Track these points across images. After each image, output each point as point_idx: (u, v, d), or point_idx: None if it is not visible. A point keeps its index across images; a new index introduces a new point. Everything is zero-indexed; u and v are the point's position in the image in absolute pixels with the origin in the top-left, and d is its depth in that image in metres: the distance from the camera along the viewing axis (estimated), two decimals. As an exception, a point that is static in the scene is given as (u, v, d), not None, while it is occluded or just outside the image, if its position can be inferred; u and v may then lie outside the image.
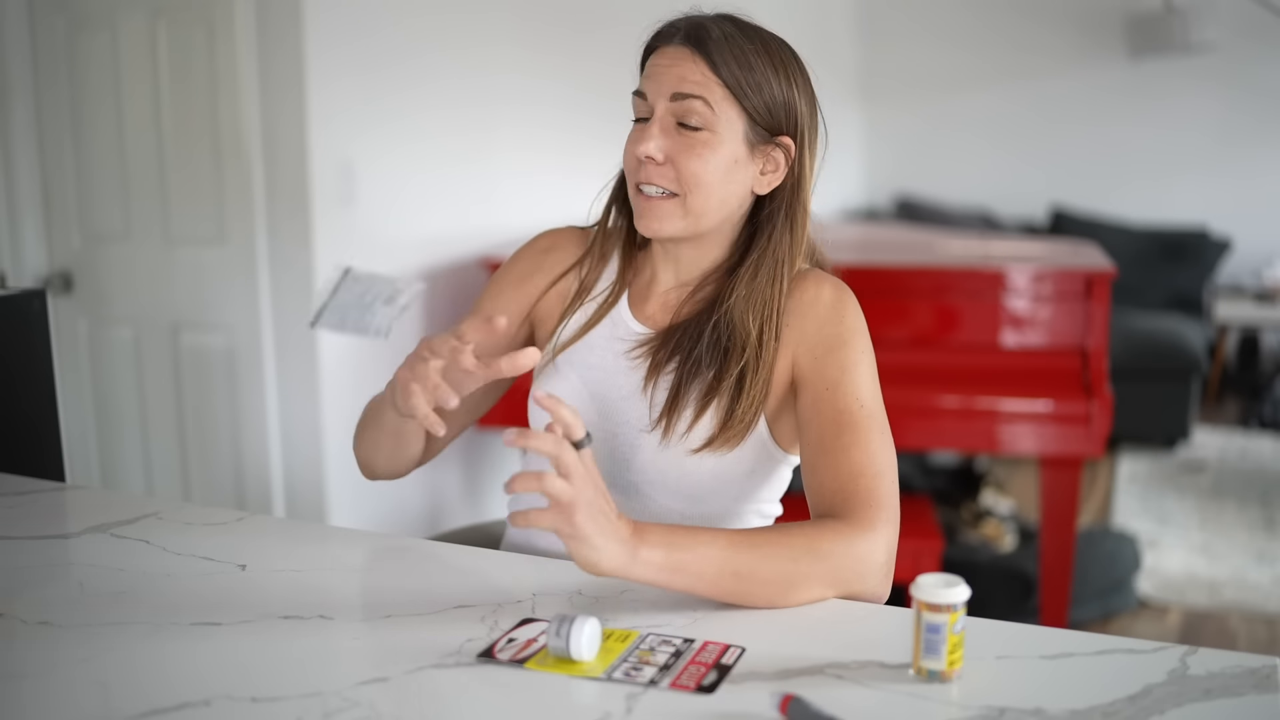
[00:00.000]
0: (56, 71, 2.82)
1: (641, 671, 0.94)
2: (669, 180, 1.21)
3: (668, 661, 0.96)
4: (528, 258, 1.39)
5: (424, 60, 2.89)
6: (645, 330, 1.31)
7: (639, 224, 1.25)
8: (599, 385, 1.30)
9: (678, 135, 1.21)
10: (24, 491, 1.48)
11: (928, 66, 6.56)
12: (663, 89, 1.21)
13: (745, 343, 1.23)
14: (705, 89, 1.20)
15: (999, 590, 3.15)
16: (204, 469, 2.80)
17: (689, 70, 1.20)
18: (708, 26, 1.22)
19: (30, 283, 2.86)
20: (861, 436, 1.17)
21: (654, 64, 1.23)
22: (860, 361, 1.22)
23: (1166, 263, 5.66)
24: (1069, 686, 0.91)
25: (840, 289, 1.27)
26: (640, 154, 1.21)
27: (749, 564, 1.04)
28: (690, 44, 1.21)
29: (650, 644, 0.99)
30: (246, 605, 1.08)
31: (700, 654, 0.97)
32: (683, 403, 1.24)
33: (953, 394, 2.71)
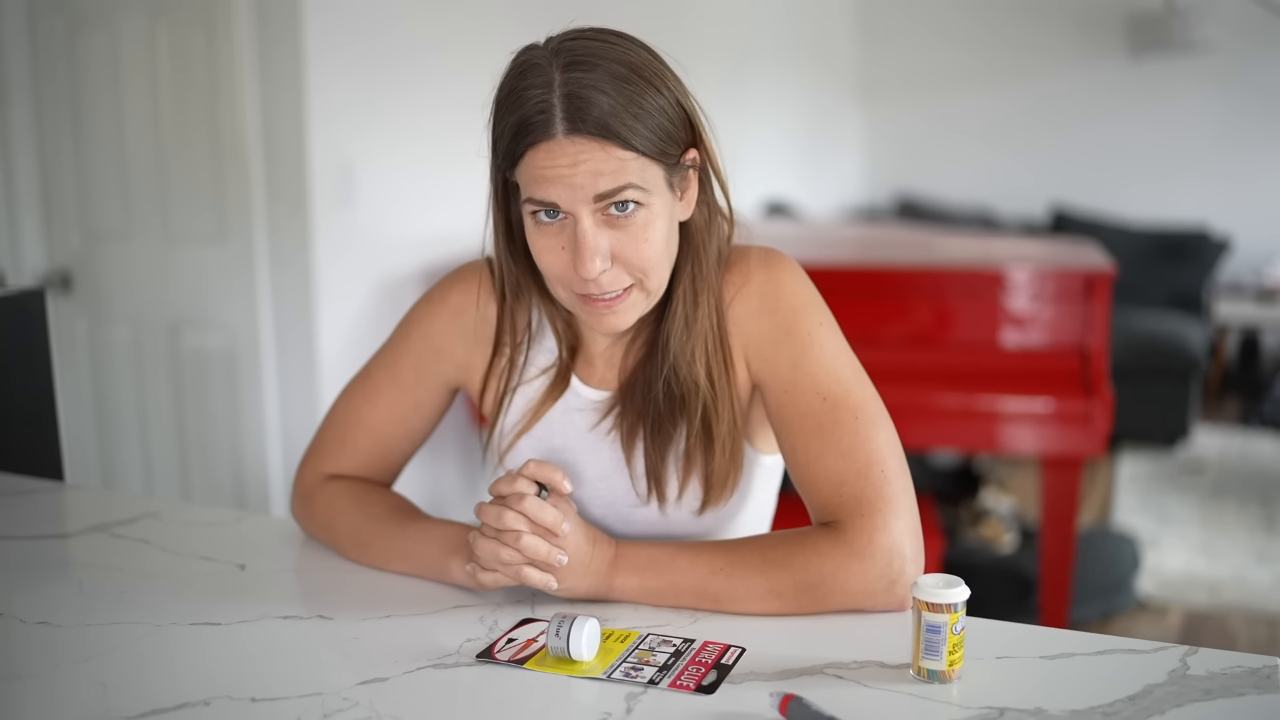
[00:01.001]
0: (56, 71, 2.82)
1: (641, 671, 0.94)
2: (622, 278, 1.05)
3: (667, 661, 0.96)
4: (441, 323, 1.24)
5: (424, 61, 2.89)
6: (601, 395, 1.18)
7: (597, 328, 1.09)
8: (572, 468, 1.18)
9: (612, 226, 1.03)
10: (24, 491, 1.48)
11: (927, 66, 6.57)
12: (580, 194, 1.01)
13: (698, 385, 1.12)
14: (625, 172, 1.01)
15: (999, 590, 3.15)
16: (204, 469, 2.80)
17: (601, 160, 1.00)
18: (584, 96, 1.00)
19: (30, 282, 2.86)
20: (830, 436, 1.07)
21: (547, 166, 1.01)
22: (810, 346, 1.10)
23: (1166, 262, 5.66)
24: (1069, 686, 0.91)
25: (769, 266, 1.14)
26: (588, 274, 1.03)
27: (728, 591, 1.05)
28: (584, 130, 1.00)
29: (650, 644, 0.99)
30: (246, 605, 1.08)
31: (700, 654, 0.97)
32: (664, 470, 1.14)
33: (953, 394, 2.71)
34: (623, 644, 0.99)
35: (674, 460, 1.15)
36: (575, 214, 1.03)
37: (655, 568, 1.06)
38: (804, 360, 1.10)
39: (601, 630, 0.99)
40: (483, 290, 1.23)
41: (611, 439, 1.17)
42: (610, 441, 1.18)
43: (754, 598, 1.05)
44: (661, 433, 1.14)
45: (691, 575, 1.05)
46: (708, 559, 1.06)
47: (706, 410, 1.12)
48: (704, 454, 1.13)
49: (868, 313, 2.79)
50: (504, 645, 0.99)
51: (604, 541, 1.07)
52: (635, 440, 1.15)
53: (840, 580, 1.03)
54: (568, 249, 1.04)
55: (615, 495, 1.19)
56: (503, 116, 1.05)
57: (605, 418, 1.18)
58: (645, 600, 1.07)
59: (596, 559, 1.05)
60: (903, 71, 6.61)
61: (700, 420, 1.12)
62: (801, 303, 1.12)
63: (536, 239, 1.07)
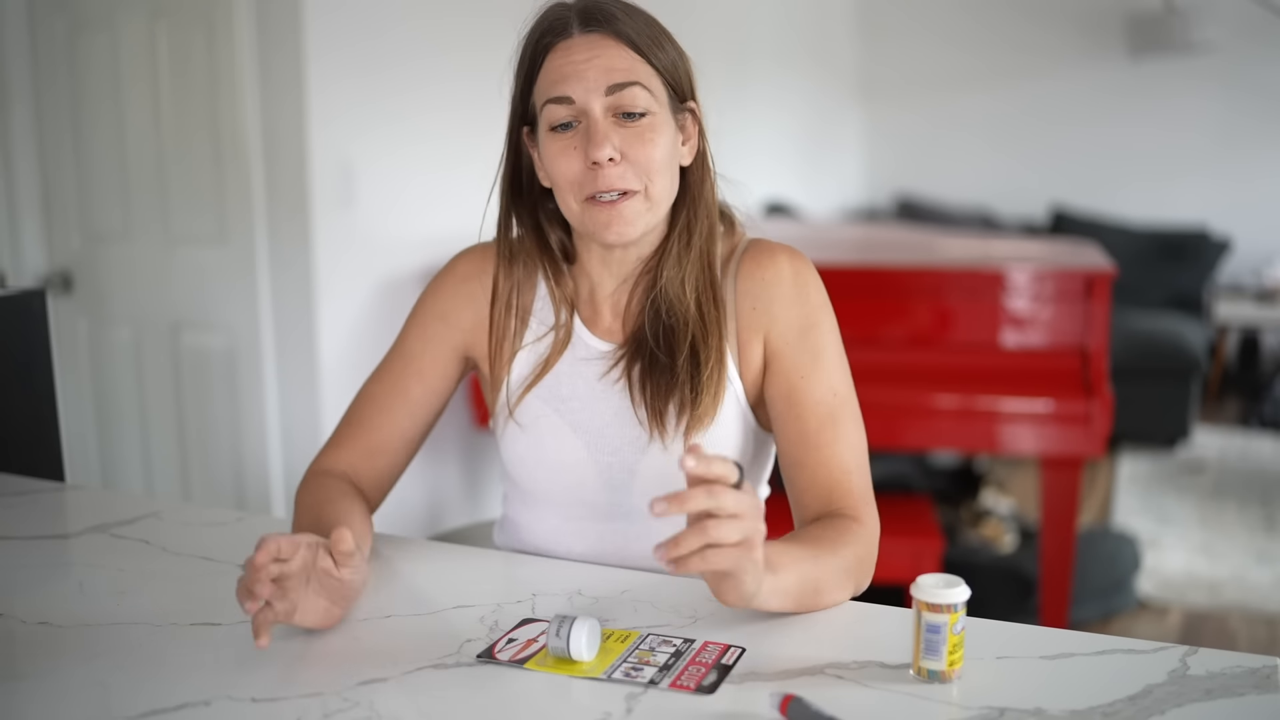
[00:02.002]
0: (56, 72, 2.82)
1: (641, 672, 0.94)
2: (629, 177, 1.13)
3: (668, 661, 0.96)
4: (447, 291, 1.30)
5: (424, 61, 2.89)
6: (608, 345, 1.24)
7: (605, 235, 1.15)
8: (579, 417, 1.23)
9: (622, 127, 1.13)
10: (24, 491, 1.48)
11: (928, 66, 6.57)
12: (592, 84, 1.12)
13: (687, 315, 1.18)
14: (635, 71, 1.13)
15: (999, 590, 3.15)
16: (204, 469, 2.80)
17: (615, 56, 1.12)
18: (605, 7, 1.14)
19: (30, 283, 2.86)
20: (842, 430, 1.17)
21: (564, 62, 1.13)
22: (829, 344, 1.19)
23: (1166, 263, 5.66)
24: (1069, 686, 0.91)
25: (798, 261, 1.22)
26: (600, 158, 1.11)
27: (824, 576, 1.04)
28: (599, 28, 1.13)
29: (650, 644, 0.99)
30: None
31: (700, 654, 0.97)
32: (665, 403, 1.19)
33: (952, 394, 2.71)
34: (623, 644, 0.99)
35: (669, 387, 1.20)
36: (588, 107, 1.12)
37: (781, 564, 0.99)
38: (823, 355, 1.19)
39: (601, 630, 0.99)
40: (489, 258, 1.29)
41: (620, 387, 1.22)
42: (618, 389, 1.22)
43: (838, 580, 1.06)
44: (659, 368, 1.19)
45: (801, 565, 1.01)
46: (802, 548, 1.04)
47: (695, 340, 1.18)
48: (691, 379, 1.18)
49: (868, 313, 2.79)
50: (504, 645, 0.99)
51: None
52: (641, 382, 1.21)
53: (868, 552, 1.11)
54: (579, 148, 1.13)
55: (623, 441, 1.22)
56: (522, 43, 1.17)
57: (614, 367, 1.23)
58: (789, 606, 1.01)
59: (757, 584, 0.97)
60: (903, 71, 6.61)
61: (689, 349, 1.18)
62: (825, 303, 1.21)
63: (552, 148, 1.15)
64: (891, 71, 6.62)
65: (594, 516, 1.25)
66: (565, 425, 1.23)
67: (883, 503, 1.21)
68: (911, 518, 2.86)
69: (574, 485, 1.24)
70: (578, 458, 1.23)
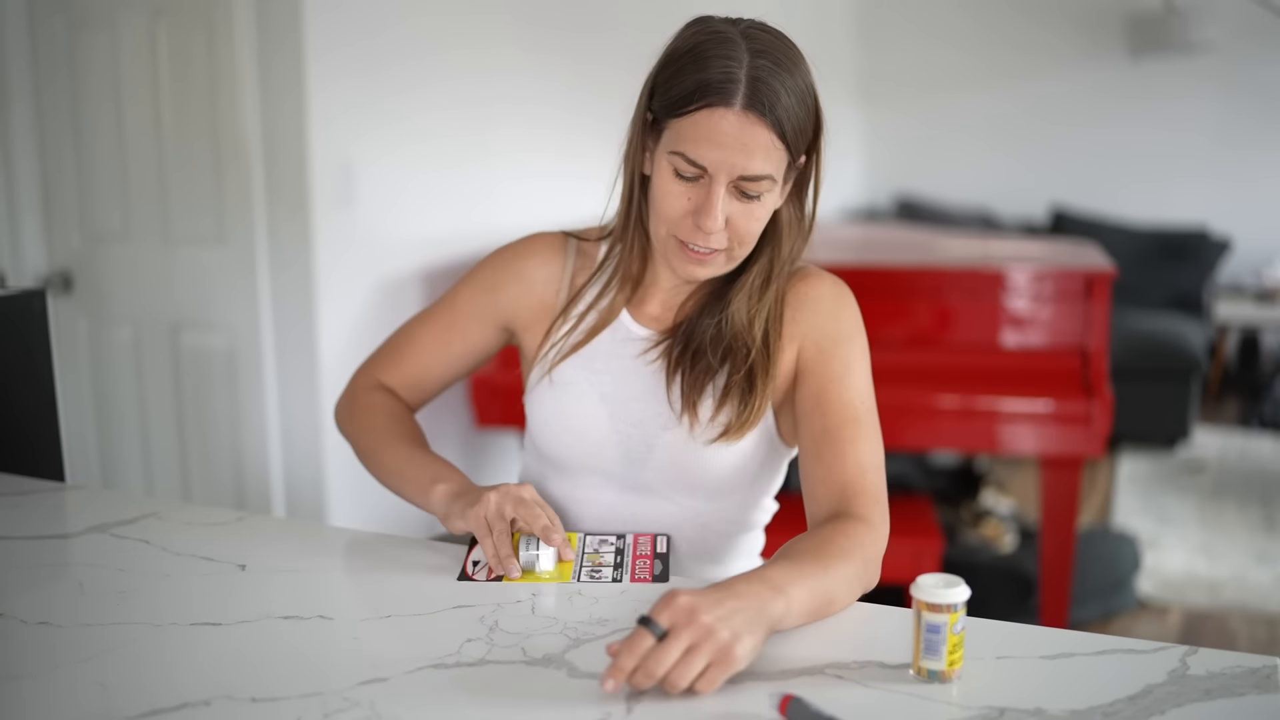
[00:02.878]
0: (56, 71, 2.82)
1: (601, 573, 1.10)
2: (722, 240, 1.19)
3: (616, 560, 1.12)
4: (502, 263, 1.37)
5: (424, 61, 2.89)
6: (649, 332, 1.31)
7: (676, 270, 1.22)
8: (608, 388, 1.30)
9: (736, 202, 1.17)
10: (24, 491, 1.48)
11: (927, 66, 6.57)
12: (730, 166, 1.14)
13: (751, 344, 1.24)
14: (772, 163, 1.15)
15: (999, 590, 3.15)
16: (204, 469, 2.81)
17: (761, 148, 1.13)
18: (771, 85, 1.13)
19: (30, 283, 2.86)
20: (864, 431, 1.21)
21: (714, 130, 1.13)
22: (859, 359, 1.25)
23: (1166, 263, 5.66)
24: (1069, 686, 0.91)
25: (840, 287, 1.29)
26: (707, 228, 1.15)
27: (835, 587, 1.04)
28: (760, 112, 1.12)
29: (591, 545, 1.17)
30: (246, 605, 1.08)
31: (637, 548, 1.19)
32: (701, 393, 1.25)
33: (952, 394, 2.71)
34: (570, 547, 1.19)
35: (711, 391, 1.25)
36: (715, 178, 1.15)
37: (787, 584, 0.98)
38: (854, 365, 1.24)
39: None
40: (552, 246, 1.37)
41: (655, 368, 1.29)
42: (653, 370, 1.29)
43: (849, 586, 1.07)
44: (703, 366, 1.25)
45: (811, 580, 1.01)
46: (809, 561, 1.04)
47: (754, 365, 1.24)
48: (742, 394, 1.24)
49: (868, 313, 2.77)
50: (474, 567, 1.10)
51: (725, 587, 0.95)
52: (678, 369, 1.27)
53: (875, 554, 1.12)
54: (693, 201, 1.17)
55: (645, 416, 1.28)
56: (683, 68, 1.15)
57: (652, 349, 1.29)
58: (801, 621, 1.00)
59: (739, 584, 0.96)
60: (903, 72, 6.61)
61: (747, 369, 1.24)
62: (860, 328, 1.28)
63: (666, 183, 1.18)
64: (891, 72, 6.61)
65: (608, 486, 1.31)
66: (593, 392, 1.30)
67: (882, 503, 1.22)
68: (911, 518, 2.87)
69: (592, 452, 1.30)
70: (600, 425, 1.29)
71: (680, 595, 0.91)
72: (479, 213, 3.14)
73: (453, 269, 3.04)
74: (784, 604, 0.96)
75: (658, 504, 1.29)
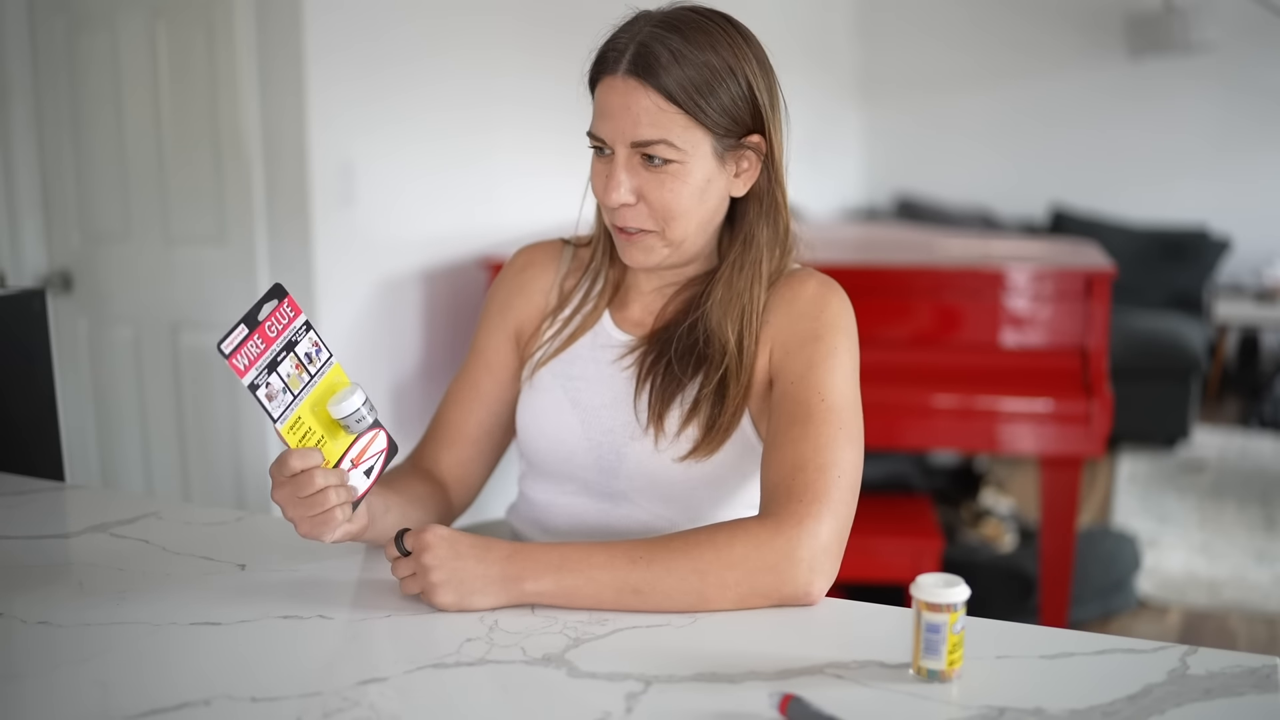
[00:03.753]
0: (56, 71, 2.82)
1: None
2: (644, 218, 1.18)
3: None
4: (505, 282, 1.38)
5: (424, 61, 2.89)
6: (629, 337, 1.29)
7: (623, 256, 1.22)
8: (581, 395, 1.28)
9: (645, 172, 1.16)
10: (24, 491, 1.48)
11: (927, 66, 6.56)
12: (620, 133, 1.15)
13: (725, 349, 1.20)
14: (663, 127, 1.13)
15: (999, 590, 3.15)
16: (204, 469, 2.80)
17: (643, 108, 1.13)
18: (652, 48, 1.13)
19: (30, 282, 2.86)
20: (814, 429, 1.12)
21: (605, 100, 1.16)
22: (831, 356, 1.17)
23: (1166, 263, 5.66)
24: (1069, 686, 0.91)
25: (825, 285, 1.23)
26: (611, 204, 1.17)
27: (650, 580, 1.03)
28: (638, 74, 1.13)
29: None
30: (246, 605, 1.08)
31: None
32: (669, 408, 1.22)
33: (952, 394, 2.71)
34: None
35: (680, 403, 1.22)
36: (615, 149, 1.16)
37: (569, 565, 1.04)
38: (820, 364, 1.17)
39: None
40: (547, 251, 1.37)
41: (628, 375, 1.26)
42: (627, 377, 1.26)
43: (676, 581, 1.03)
44: (672, 376, 1.22)
45: (610, 569, 1.04)
46: (626, 550, 1.05)
47: (727, 373, 1.20)
48: (711, 407, 1.20)
49: (868, 313, 2.77)
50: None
51: (497, 546, 1.06)
52: (649, 377, 1.24)
53: (761, 555, 1.04)
54: (605, 181, 1.17)
55: (616, 424, 1.26)
56: (589, 61, 1.21)
57: (628, 355, 1.27)
58: (562, 602, 1.05)
59: (490, 565, 1.05)
60: (903, 71, 6.61)
61: (719, 379, 1.20)
62: (840, 325, 1.20)
63: (592, 168, 1.21)
64: (891, 71, 6.61)
65: (585, 493, 1.30)
66: (567, 400, 1.29)
67: (883, 503, 1.21)
68: (911, 518, 2.86)
69: (566, 458, 1.29)
70: (572, 432, 1.28)
71: (432, 532, 1.05)
72: (479, 213, 3.14)
73: (453, 269, 3.04)
74: (521, 590, 1.05)
75: (632, 512, 1.27)
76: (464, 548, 1.05)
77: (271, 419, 1.04)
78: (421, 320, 2.94)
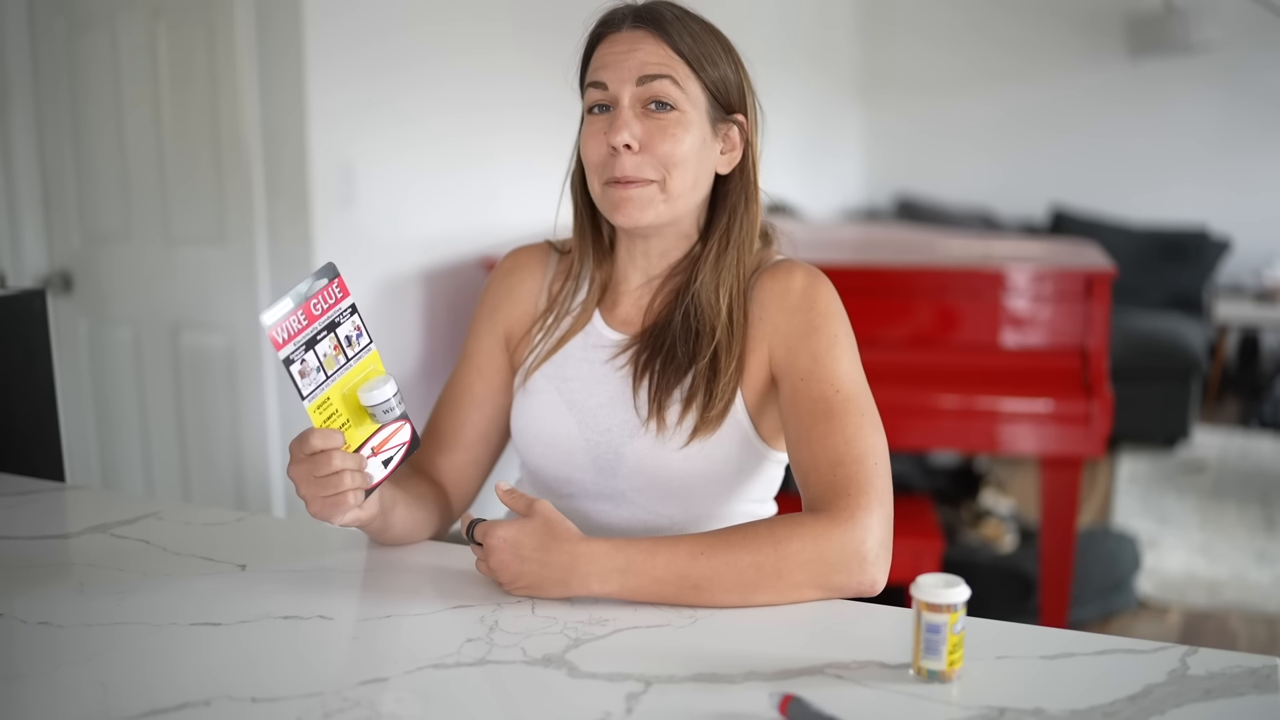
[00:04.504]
0: (56, 71, 2.82)
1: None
2: (646, 167, 1.19)
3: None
4: (495, 286, 1.38)
5: (424, 61, 2.89)
6: (621, 336, 1.30)
7: (616, 217, 1.22)
8: (576, 396, 1.29)
9: (648, 119, 1.19)
10: (24, 491, 1.48)
11: (928, 67, 6.56)
12: (626, 74, 1.19)
13: (715, 323, 1.22)
14: (670, 67, 1.19)
15: (999, 590, 3.15)
16: (204, 469, 2.81)
17: (650, 51, 1.19)
18: (656, 8, 1.21)
19: (30, 283, 2.86)
20: (838, 423, 1.14)
21: (608, 52, 1.21)
22: (834, 346, 1.19)
23: (1166, 263, 5.66)
24: (1069, 686, 0.91)
25: (812, 275, 1.24)
26: (616, 143, 1.18)
27: (709, 575, 1.04)
28: (645, 25, 1.20)
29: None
30: (246, 605, 1.08)
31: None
32: (668, 397, 1.23)
33: (952, 394, 2.71)
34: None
35: (679, 393, 1.23)
36: (619, 94, 1.19)
37: (634, 568, 1.05)
38: (825, 356, 1.19)
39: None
40: (534, 254, 1.38)
41: (623, 373, 1.27)
42: (621, 375, 1.27)
43: (735, 576, 1.04)
44: (674, 366, 1.23)
45: (672, 567, 1.05)
46: (688, 545, 1.06)
47: (719, 347, 1.22)
48: (707, 385, 1.22)
49: (868, 313, 2.79)
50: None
51: (559, 550, 1.06)
52: (645, 372, 1.25)
53: (819, 548, 1.06)
54: (605, 132, 1.19)
55: (613, 423, 1.26)
56: (585, 35, 1.25)
57: (621, 354, 1.28)
58: (624, 595, 1.06)
59: (553, 570, 1.05)
60: (903, 72, 6.61)
61: (710, 355, 1.22)
62: (832, 311, 1.22)
63: (585, 131, 1.22)
64: (892, 72, 6.61)
65: (584, 495, 1.30)
66: (562, 402, 1.29)
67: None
68: (911, 518, 2.86)
69: (564, 460, 1.29)
70: (569, 433, 1.28)
71: (495, 535, 1.07)
72: (479, 214, 3.14)
73: (453, 269, 3.04)
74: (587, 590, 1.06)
75: (632, 511, 1.27)
76: (527, 551, 1.06)
77: (301, 395, 1.05)
78: (421, 320, 2.94)
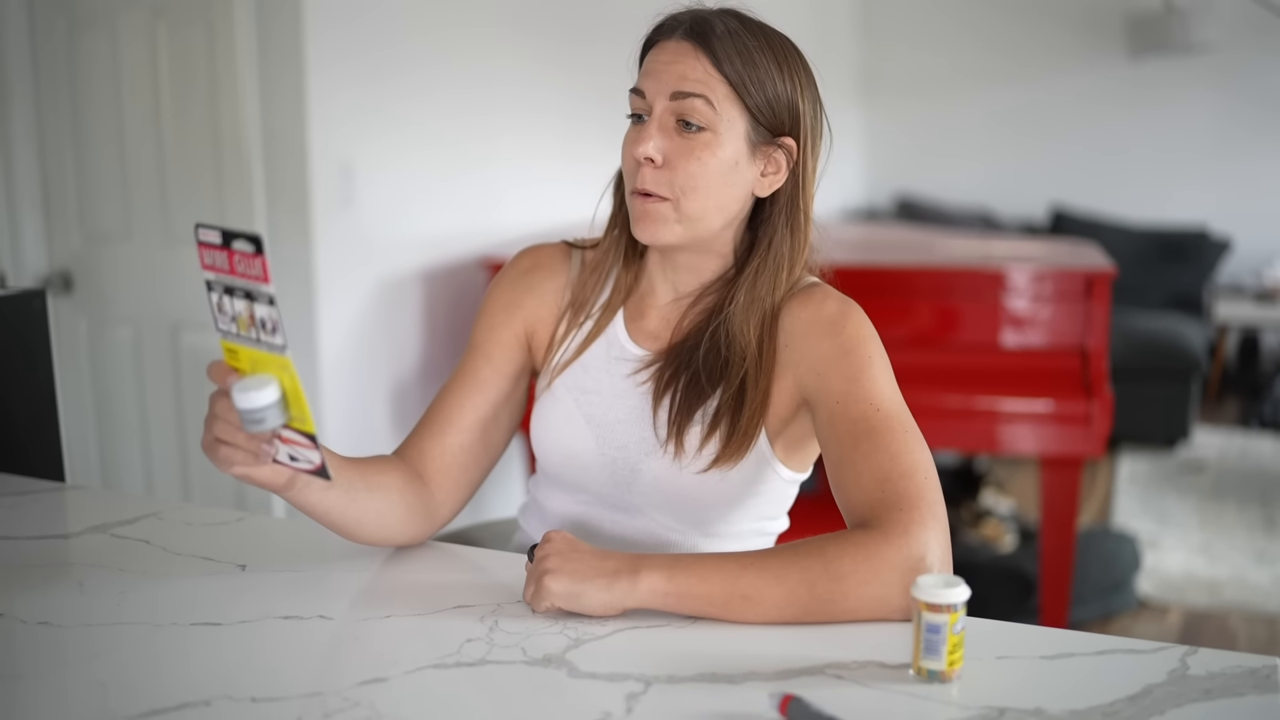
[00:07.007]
0: (57, 72, 2.82)
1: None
2: (662, 184, 1.16)
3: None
4: (511, 281, 1.34)
5: (424, 62, 2.89)
6: (644, 352, 1.27)
7: (634, 230, 1.19)
8: (595, 409, 1.27)
9: (677, 136, 1.16)
10: (24, 491, 1.48)
11: (928, 66, 6.56)
12: (663, 86, 1.16)
13: (745, 352, 1.19)
14: (707, 86, 1.15)
15: (999, 590, 3.15)
16: (204, 469, 2.80)
17: (690, 67, 1.15)
18: (711, 21, 1.17)
19: (30, 283, 2.86)
20: (881, 440, 1.10)
21: (654, 60, 1.19)
22: (869, 367, 1.16)
23: (1166, 263, 5.66)
24: (1069, 686, 0.91)
25: (844, 304, 1.21)
26: (638, 155, 1.16)
27: (759, 587, 1.01)
28: (692, 38, 1.16)
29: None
30: (246, 605, 1.08)
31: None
32: (690, 422, 1.20)
33: (953, 394, 2.71)
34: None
35: (701, 418, 1.21)
36: (653, 106, 1.17)
37: (682, 564, 1.03)
38: (861, 376, 1.16)
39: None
40: (554, 255, 1.35)
41: (644, 390, 1.25)
42: (642, 391, 1.25)
43: (785, 591, 1.01)
44: (697, 390, 1.21)
45: (721, 572, 1.02)
46: (736, 558, 1.04)
47: (746, 377, 1.19)
48: (732, 415, 1.19)
49: (868, 313, 2.79)
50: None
51: (614, 554, 1.05)
52: (667, 392, 1.22)
53: (873, 567, 1.01)
54: (636, 143, 1.17)
55: (630, 440, 1.25)
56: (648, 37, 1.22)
57: (644, 370, 1.26)
58: (672, 604, 1.03)
59: (607, 560, 1.04)
60: (903, 72, 6.61)
61: (739, 384, 1.19)
62: (864, 335, 1.19)
63: (625, 137, 1.21)
64: (891, 72, 6.61)
65: (599, 504, 1.29)
66: (580, 415, 1.27)
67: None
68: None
69: (580, 471, 1.28)
70: (586, 446, 1.27)
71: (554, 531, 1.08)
72: (479, 215, 3.14)
73: (453, 269, 3.04)
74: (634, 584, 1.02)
75: (646, 524, 1.26)
76: (583, 547, 1.06)
77: (215, 326, 1.01)
78: (421, 321, 2.94)
